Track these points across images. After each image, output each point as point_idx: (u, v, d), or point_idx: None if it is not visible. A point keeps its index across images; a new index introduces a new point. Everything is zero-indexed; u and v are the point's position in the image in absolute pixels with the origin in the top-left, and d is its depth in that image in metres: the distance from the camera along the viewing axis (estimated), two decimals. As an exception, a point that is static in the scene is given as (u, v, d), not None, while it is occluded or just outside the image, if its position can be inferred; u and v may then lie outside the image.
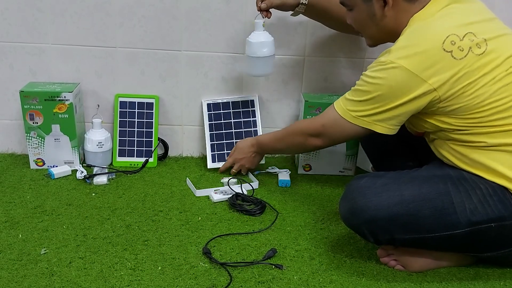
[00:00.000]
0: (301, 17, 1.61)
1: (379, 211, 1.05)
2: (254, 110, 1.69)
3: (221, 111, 1.68)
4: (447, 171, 1.11)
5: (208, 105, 1.68)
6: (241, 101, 1.69)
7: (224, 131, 1.67)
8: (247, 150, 1.52)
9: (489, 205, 1.04)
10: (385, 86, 1.07)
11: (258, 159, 1.54)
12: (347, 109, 1.15)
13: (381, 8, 1.12)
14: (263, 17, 1.42)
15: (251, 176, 1.58)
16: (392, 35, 1.14)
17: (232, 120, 1.68)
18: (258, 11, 1.41)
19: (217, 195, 1.44)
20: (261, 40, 1.44)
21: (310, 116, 1.59)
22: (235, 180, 1.52)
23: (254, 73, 1.51)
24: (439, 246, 1.10)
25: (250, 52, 1.45)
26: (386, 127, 1.13)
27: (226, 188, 1.48)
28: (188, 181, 1.52)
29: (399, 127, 1.14)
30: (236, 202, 1.40)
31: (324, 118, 1.23)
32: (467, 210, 1.03)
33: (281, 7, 1.42)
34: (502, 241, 1.07)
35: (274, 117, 1.74)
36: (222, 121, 1.68)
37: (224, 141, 1.66)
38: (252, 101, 1.69)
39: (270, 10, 1.42)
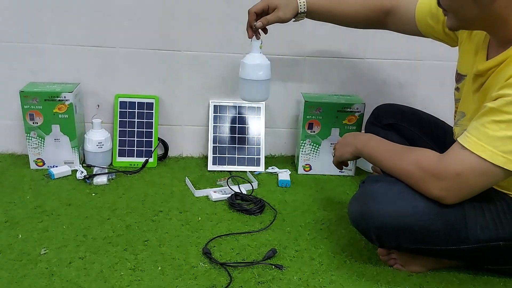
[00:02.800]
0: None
1: (391, 219, 1.02)
2: (260, 117, 1.69)
3: (227, 114, 1.68)
4: None
5: (215, 106, 1.68)
6: (248, 106, 1.69)
7: (227, 135, 1.67)
8: (348, 136, 1.25)
9: (501, 223, 1.01)
10: None
11: (348, 150, 1.22)
12: (500, 153, 0.90)
13: None
14: (260, 37, 1.32)
15: (250, 176, 1.58)
16: (495, 25, 0.95)
17: (237, 125, 1.68)
18: (254, 30, 1.30)
19: (216, 194, 1.44)
20: (256, 62, 1.34)
21: (310, 117, 1.60)
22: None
23: (246, 97, 1.39)
24: (443, 256, 1.10)
25: (243, 74, 1.35)
26: None
27: (225, 187, 1.48)
28: (188, 181, 1.52)
29: None
30: (235, 202, 1.40)
31: (460, 165, 0.94)
32: (478, 227, 1.01)
33: (278, 22, 1.29)
34: (508, 258, 1.06)
35: (274, 117, 1.74)
36: (227, 125, 1.68)
37: (226, 145, 1.66)
38: (259, 108, 1.69)
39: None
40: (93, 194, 1.44)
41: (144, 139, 1.66)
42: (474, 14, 0.94)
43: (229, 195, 1.44)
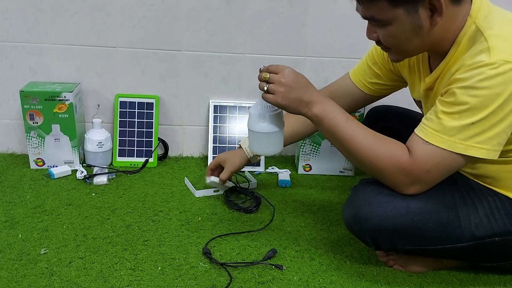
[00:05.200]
0: (301, 17, 1.61)
1: (383, 221, 1.02)
2: None
3: (227, 115, 1.68)
4: (455, 180, 1.07)
5: (215, 106, 1.68)
6: (248, 106, 1.69)
7: (227, 135, 1.67)
8: (301, 83, 1.05)
9: (495, 219, 1.02)
10: (506, 92, 0.89)
11: (294, 105, 1.05)
12: (458, 141, 0.93)
13: (428, 18, 0.94)
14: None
15: (249, 175, 1.58)
16: (436, 46, 1.01)
17: (237, 125, 1.68)
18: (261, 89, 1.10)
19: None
20: (259, 112, 1.12)
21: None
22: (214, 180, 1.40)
23: (253, 149, 1.20)
24: (440, 256, 1.10)
25: (248, 124, 1.16)
26: (497, 151, 0.95)
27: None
28: (187, 181, 1.52)
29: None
30: (230, 198, 1.41)
31: (430, 162, 0.96)
32: (471, 224, 1.01)
33: (234, 173, 1.41)
34: (505, 254, 1.06)
35: (274, 117, 1.74)
36: (227, 125, 1.68)
37: (227, 145, 1.66)
38: None
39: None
40: (93, 194, 1.44)
41: (144, 139, 1.66)
42: (416, 44, 0.99)
43: (222, 191, 1.45)
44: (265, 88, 1.07)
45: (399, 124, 1.41)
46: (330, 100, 1.06)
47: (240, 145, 1.42)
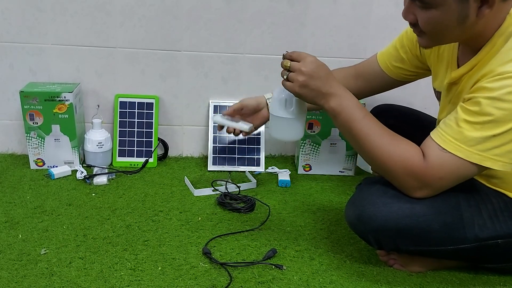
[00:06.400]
0: (301, 17, 1.61)
1: (387, 221, 1.01)
2: None
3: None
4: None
5: (215, 106, 1.67)
6: None
7: (227, 135, 1.67)
8: (322, 73, 1.04)
9: (498, 221, 1.02)
10: None
11: (312, 95, 1.04)
12: (476, 152, 0.92)
13: (476, 9, 0.90)
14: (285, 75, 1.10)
15: (249, 175, 1.58)
16: (471, 40, 0.98)
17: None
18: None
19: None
20: (281, 97, 1.14)
21: (310, 117, 1.59)
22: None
23: (271, 133, 1.21)
24: (443, 256, 1.10)
25: (271, 108, 1.18)
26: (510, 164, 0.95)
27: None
28: (187, 180, 1.52)
29: None
30: (225, 201, 1.40)
31: (443, 170, 0.96)
32: (475, 225, 1.01)
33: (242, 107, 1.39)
34: (508, 256, 1.06)
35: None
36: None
37: (227, 145, 1.66)
38: None
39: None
40: (93, 194, 1.44)
41: (144, 139, 1.66)
42: (454, 34, 0.96)
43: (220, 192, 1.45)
44: (285, 77, 1.07)
45: (401, 123, 1.41)
46: (349, 94, 1.05)
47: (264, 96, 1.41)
